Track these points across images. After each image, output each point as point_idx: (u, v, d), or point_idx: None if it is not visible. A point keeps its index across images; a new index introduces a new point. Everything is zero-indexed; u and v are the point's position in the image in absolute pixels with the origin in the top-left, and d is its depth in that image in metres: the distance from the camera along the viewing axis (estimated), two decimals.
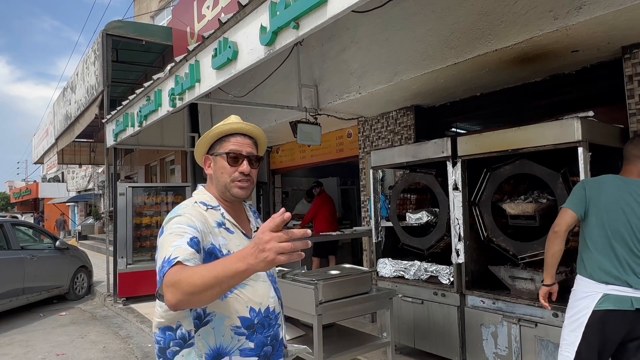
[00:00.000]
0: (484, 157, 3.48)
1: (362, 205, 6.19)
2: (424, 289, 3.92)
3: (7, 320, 6.48)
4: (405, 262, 4.11)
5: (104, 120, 7.27)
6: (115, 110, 6.58)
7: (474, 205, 3.60)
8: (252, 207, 1.74)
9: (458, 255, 3.63)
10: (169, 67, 4.54)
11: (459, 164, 3.63)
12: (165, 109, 4.82)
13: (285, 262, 1.08)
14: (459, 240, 3.62)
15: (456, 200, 3.64)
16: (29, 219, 24.98)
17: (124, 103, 6.10)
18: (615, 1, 2.84)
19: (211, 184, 1.57)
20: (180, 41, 7.06)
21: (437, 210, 4.01)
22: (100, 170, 20.02)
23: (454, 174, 3.65)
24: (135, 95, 5.64)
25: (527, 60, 3.81)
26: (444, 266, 3.78)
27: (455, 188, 3.65)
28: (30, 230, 8.24)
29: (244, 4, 3.11)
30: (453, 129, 5.60)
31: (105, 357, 4.83)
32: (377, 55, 4.62)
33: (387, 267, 4.23)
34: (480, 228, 3.57)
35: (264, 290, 1.50)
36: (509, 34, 3.43)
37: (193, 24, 6.67)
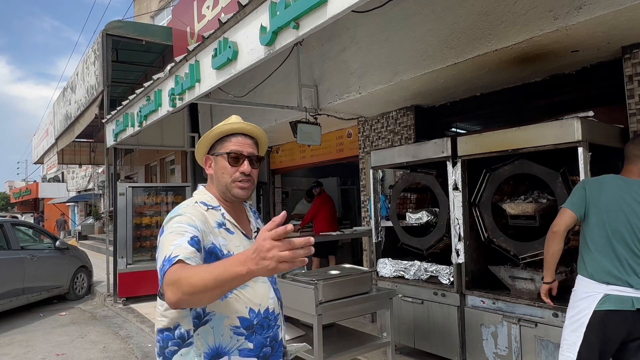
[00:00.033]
0: (484, 157, 3.48)
1: (362, 205, 6.18)
2: (424, 289, 3.92)
3: (7, 320, 6.48)
4: (405, 262, 4.11)
5: (104, 120, 7.27)
6: (115, 110, 6.58)
7: (474, 205, 3.60)
8: (253, 208, 1.74)
9: (458, 255, 3.63)
10: (169, 67, 4.54)
11: (459, 164, 3.63)
12: (165, 109, 4.82)
13: (287, 270, 1.08)
14: (459, 240, 3.62)
15: (456, 200, 3.64)
16: (29, 219, 24.97)
17: (124, 103, 6.10)
18: (615, 1, 2.84)
19: (212, 184, 1.57)
20: (180, 41, 7.06)
21: (437, 210, 4.00)
22: (100, 170, 20.02)
23: (454, 174, 3.65)
24: (135, 95, 5.64)
25: (527, 60, 3.81)
26: (444, 266, 3.78)
27: (455, 188, 3.65)
28: (30, 230, 8.24)
29: (244, 4, 3.11)
30: (453, 129, 5.60)
31: (105, 357, 4.83)
32: (377, 55, 4.62)
33: (387, 267, 4.23)
34: (480, 228, 3.57)
35: (264, 292, 1.50)
36: (509, 34, 3.43)
37: (193, 24, 6.67)
